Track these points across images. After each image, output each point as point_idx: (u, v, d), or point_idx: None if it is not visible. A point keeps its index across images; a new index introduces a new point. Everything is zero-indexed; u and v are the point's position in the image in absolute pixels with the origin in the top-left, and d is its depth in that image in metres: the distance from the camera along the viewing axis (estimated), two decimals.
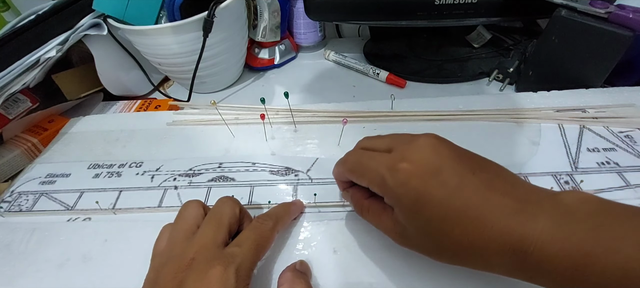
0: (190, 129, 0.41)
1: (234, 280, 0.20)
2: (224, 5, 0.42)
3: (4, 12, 0.63)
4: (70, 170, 0.37)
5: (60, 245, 0.30)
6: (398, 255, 0.26)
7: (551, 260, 0.17)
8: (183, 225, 0.24)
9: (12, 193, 0.35)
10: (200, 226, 0.24)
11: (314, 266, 0.26)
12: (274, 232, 0.26)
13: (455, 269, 0.22)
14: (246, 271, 0.22)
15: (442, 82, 0.48)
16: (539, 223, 0.17)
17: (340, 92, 0.48)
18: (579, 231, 0.17)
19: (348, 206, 0.30)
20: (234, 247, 0.23)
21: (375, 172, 0.23)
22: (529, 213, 0.18)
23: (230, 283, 0.20)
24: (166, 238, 0.25)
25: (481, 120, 0.37)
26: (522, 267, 0.18)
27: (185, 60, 0.45)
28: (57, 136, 0.43)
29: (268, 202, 0.30)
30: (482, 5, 0.42)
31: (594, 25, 0.35)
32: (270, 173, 0.34)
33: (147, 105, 0.48)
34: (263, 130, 0.38)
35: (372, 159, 0.24)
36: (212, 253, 0.22)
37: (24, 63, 0.40)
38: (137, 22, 0.44)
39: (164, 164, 0.36)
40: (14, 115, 0.42)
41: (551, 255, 0.17)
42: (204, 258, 0.21)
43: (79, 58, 0.51)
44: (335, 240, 0.27)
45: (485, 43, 0.52)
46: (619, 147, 0.32)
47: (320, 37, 0.59)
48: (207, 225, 0.24)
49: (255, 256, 0.23)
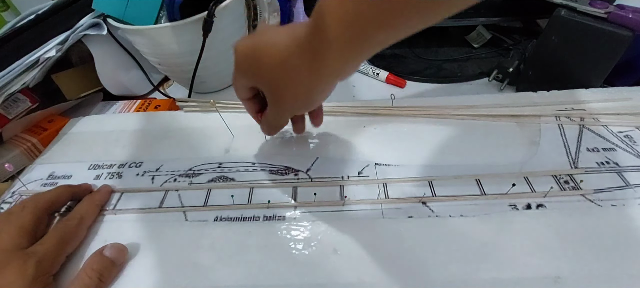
0: (190, 129, 0.41)
1: (33, 269, 0.23)
2: (223, 5, 0.42)
3: (3, 12, 0.63)
4: (71, 171, 0.37)
5: None
6: (398, 255, 0.26)
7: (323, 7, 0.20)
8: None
9: (12, 194, 0.35)
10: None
11: (314, 266, 0.26)
12: (81, 226, 0.28)
13: (456, 269, 0.22)
14: (49, 262, 0.24)
15: (441, 82, 0.48)
16: None
17: (340, 91, 0.47)
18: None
19: (348, 206, 0.30)
20: (36, 246, 0.25)
21: None
22: None
23: (29, 273, 0.23)
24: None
25: (481, 119, 0.37)
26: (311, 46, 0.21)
27: (185, 60, 0.45)
28: (57, 136, 0.43)
29: (268, 201, 0.30)
30: (482, 5, 0.42)
31: (593, 25, 0.35)
32: (270, 173, 0.34)
33: (146, 105, 0.48)
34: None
35: None
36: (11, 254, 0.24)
37: (23, 63, 0.40)
38: (137, 22, 0.44)
39: (164, 164, 0.36)
40: (14, 115, 0.42)
41: None
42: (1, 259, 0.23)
43: (79, 58, 0.51)
44: (335, 240, 0.27)
45: (484, 43, 0.52)
46: (618, 146, 0.32)
47: None
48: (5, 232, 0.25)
49: (58, 250, 0.25)
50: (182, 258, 0.27)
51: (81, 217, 0.29)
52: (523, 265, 0.24)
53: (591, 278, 0.24)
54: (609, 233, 0.26)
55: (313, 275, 0.25)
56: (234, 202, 0.31)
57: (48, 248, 0.25)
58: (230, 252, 0.27)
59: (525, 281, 0.24)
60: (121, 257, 0.27)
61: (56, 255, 0.25)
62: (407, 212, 0.29)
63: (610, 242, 0.25)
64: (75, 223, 0.28)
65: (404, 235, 0.27)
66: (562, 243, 0.25)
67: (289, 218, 0.29)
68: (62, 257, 0.26)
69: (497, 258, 0.25)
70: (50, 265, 0.25)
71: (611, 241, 0.25)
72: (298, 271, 0.26)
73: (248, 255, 0.27)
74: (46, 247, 0.25)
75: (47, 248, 0.25)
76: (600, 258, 0.24)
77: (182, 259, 0.27)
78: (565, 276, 0.24)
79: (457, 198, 0.29)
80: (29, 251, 0.24)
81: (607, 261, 0.24)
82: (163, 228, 0.30)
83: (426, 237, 0.27)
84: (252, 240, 0.28)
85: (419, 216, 0.28)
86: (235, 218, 0.30)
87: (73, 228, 0.28)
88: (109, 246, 0.27)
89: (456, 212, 0.28)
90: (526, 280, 0.24)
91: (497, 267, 0.25)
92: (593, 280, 0.23)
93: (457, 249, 0.26)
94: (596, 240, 0.25)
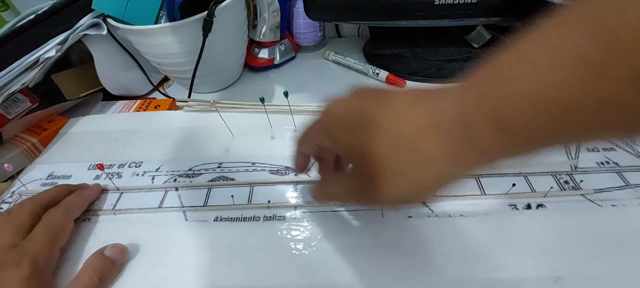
0: (190, 128, 0.41)
1: (28, 268, 0.23)
2: (223, 5, 0.42)
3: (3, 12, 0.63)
4: (70, 171, 0.37)
5: None
6: (398, 256, 0.26)
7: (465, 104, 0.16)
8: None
9: (12, 194, 0.35)
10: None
11: (314, 266, 0.26)
12: (67, 219, 0.28)
13: (456, 269, 0.22)
14: (43, 258, 0.24)
15: (441, 82, 0.48)
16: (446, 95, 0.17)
17: (340, 91, 0.48)
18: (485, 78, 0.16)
19: (348, 206, 0.30)
20: (25, 242, 0.25)
21: (311, 123, 0.24)
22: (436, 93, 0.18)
23: (25, 272, 0.23)
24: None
25: None
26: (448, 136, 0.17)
27: (184, 60, 0.45)
28: (57, 136, 0.43)
29: (268, 201, 0.30)
30: (481, 5, 0.42)
31: None
32: (270, 173, 0.34)
33: (146, 105, 0.48)
34: (262, 130, 0.38)
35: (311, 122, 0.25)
36: (5, 253, 0.24)
37: (23, 63, 0.40)
38: (137, 21, 0.44)
39: (164, 164, 0.36)
40: (14, 115, 0.42)
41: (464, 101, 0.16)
42: (1, 258, 0.23)
43: (79, 58, 0.51)
44: (335, 240, 0.27)
45: (484, 43, 0.52)
46: (618, 146, 0.32)
47: (320, 36, 0.59)
48: (2, 231, 0.26)
49: (50, 245, 0.25)
50: (182, 258, 0.27)
51: (67, 208, 0.29)
52: (523, 265, 0.24)
53: (591, 278, 0.24)
54: (609, 233, 0.26)
55: (313, 275, 0.25)
56: (234, 202, 0.31)
57: (37, 242, 0.25)
58: (230, 252, 0.27)
59: (525, 281, 0.24)
60: (122, 257, 0.27)
61: (48, 249, 0.25)
62: (406, 211, 0.29)
63: (610, 242, 0.25)
64: (61, 213, 0.28)
65: (403, 235, 0.27)
66: (562, 243, 0.25)
67: (289, 218, 0.29)
68: (55, 251, 0.26)
69: (497, 258, 0.25)
70: (45, 261, 0.25)
71: (611, 241, 0.25)
72: (298, 271, 0.26)
73: (248, 255, 0.27)
74: (35, 241, 0.25)
75: (37, 242, 0.25)
76: (600, 258, 0.24)
77: (182, 259, 0.27)
78: (565, 276, 0.24)
79: (456, 197, 0.29)
80: (19, 248, 0.24)
81: (607, 261, 0.24)
82: (163, 229, 0.30)
83: (426, 237, 0.27)
84: (252, 241, 0.28)
85: (419, 216, 0.28)
86: (235, 218, 0.30)
87: (59, 218, 0.28)
88: (109, 246, 0.27)
89: (456, 211, 0.28)
90: (526, 280, 0.24)
91: (497, 266, 0.25)
92: (593, 280, 0.23)
93: (456, 249, 0.26)
94: (596, 240, 0.25)
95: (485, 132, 0.15)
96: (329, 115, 0.22)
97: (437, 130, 0.17)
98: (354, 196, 0.23)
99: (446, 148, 0.17)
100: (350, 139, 0.20)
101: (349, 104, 0.21)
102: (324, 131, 0.22)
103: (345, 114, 0.21)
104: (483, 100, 0.15)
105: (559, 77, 0.13)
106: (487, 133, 0.15)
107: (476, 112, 0.16)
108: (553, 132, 0.15)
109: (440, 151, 0.17)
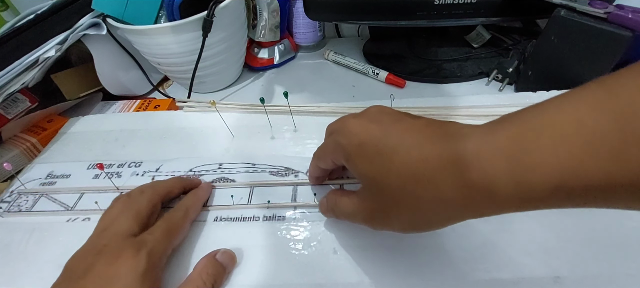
0: (189, 129, 0.41)
1: (144, 262, 0.22)
2: (223, 5, 0.42)
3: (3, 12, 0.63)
4: (70, 171, 0.37)
5: (59, 245, 0.29)
6: (398, 256, 0.26)
7: (489, 160, 0.16)
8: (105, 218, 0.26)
9: (11, 194, 0.35)
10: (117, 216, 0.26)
11: (314, 266, 0.26)
12: (186, 219, 0.28)
13: (456, 269, 0.22)
14: (158, 255, 0.24)
15: (441, 82, 0.48)
16: (470, 138, 0.17)
17: (340, 91, 0.48)
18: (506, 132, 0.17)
19: None
20: (145, 235, 0.24)
21: (329, 141, 0.25)
22: (458, 135, 0.18)
23: (141, 265, 0.22)
24: None
25: (480, 119, 0.36)
26: (466, 183, 0.17)
27: (184, 60, 0.45)
28: (56, 136, 0.43)
29: (267, 201, 0.30)
30: (481, 5, 0.42)
31: (593, 25, 0.35)
32: (270, 173, 0.34)
33: (146, 105, 0.48)
34: (263, 130, 0.38)
35: (329, 137, 0.25)
36: (124, 240, 0.23)
37: (23, 63, 0.40)
38: (137, 21, 0.44)
39: (164, 164, 0.36)
40: (13, 115, 0.42)
41: (488, 156, 0.16)
42: (116, 245, 0.23)
43: (78, 58, 0.51)
44: (335, 240, 0.28)
45: (484, 43, 0.52)
46: None
47: (320, 36, 0.59)
48: (123, 215, 0.25)
49: (166, 242, 0.25)
50: (181, 258, 0.27)
51: (186, 210, 0.28)
52: (522, 265, 0.24)
53: (591, 278, 0.24)
54: (609, 234, 0.26)
55: (313, 275, 0.25)
56: (234, 202, 0.31)
57: (157, 238, 0.24)
58: None
59: (525, 281, 0.24)
60: (231, 264, 0.26)
61: (164, 247, 0.25)
62: None
63: (610, 242, 0.25)
64: (181, 215, 0.27)
65: (403, 235, 0.27)
66: (562, 243, 0.25)
67: (289, 218, 0.29)
68: (169, 249, 0.26)
69: (497, 258, 0.25)
70: (159, 258, 0.24)
71: (611, 241, 0.25)
72: (298, 271, 0.26)
73: (248, 255, 0.27)
74: (155, 237, 0.24)
75: (157, 238, 0.24)
76: (600, 258, 0.24)
77: (182, 259, 0.27)
78: (564, 276, 0.24)
79: None
80: (139, 239, 0.24)
81: (607, 261, 0.24)
82: None
83: (425, 237, 0.27)
84: (252, 241, 0.28)
85: None
86: (235, 218, 0.30)
87: (179, 220, 0.27)
88: (221, 251, 0.26)
89: None
90: (526, 280, 0.24)
91: (497, 266, 0.25)
92: (592, 280, 0.23)
93: (456, 249, 0.26)
94: (596, 240, 0.25)
95: (506, 192, 0.16)
96: (348, 138, 0.22)
97: (458, 174, 0.17)
98: (364, 219, 0.23)
99: (462, 193, 0.17)
100: (368, 166, 0.20)
101: (367, 128, 0.21)
102: (342, 154, 0.22)
103: (364, 140, 0.21)
104: (508, 161, 0.16)
105: (586, 158, 0.14)
106: (508, 192, 0.16)
107: (500, 172, 0.16)
108: (572, 204, 0.15)
109: (457, 195, 0.17)
